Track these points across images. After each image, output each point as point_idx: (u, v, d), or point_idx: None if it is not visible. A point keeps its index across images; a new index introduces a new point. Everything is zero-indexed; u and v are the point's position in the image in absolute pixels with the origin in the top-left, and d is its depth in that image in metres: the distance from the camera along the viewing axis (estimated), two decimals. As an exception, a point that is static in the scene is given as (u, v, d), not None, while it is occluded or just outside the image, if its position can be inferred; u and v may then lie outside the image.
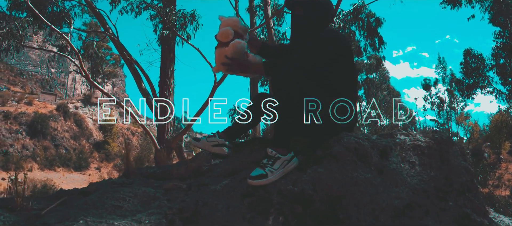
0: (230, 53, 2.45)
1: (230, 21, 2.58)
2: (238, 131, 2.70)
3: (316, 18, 2.59)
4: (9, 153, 43.58)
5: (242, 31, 2.59)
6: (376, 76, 23.37)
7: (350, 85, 2.52)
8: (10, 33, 13.06)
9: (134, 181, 2.46)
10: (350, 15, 13.42)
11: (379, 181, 2.20)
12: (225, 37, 2.50)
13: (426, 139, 2.51)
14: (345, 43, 2.53)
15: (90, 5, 12.96)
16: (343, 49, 2.49)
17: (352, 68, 2.56)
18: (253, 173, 2.17)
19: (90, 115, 60.92)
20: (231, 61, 2.46)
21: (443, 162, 2.45)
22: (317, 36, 2.49)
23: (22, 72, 79.69)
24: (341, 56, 2.47)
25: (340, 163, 2.18)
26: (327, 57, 2.43)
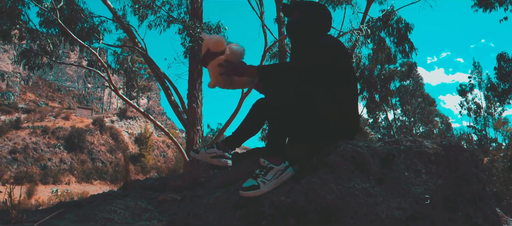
0: (227, 55, 2.39)
1: (214, 38, 2.51)
2: (238, 140, 2.65)
3: (313, 22, 2.53)
4: (48, 167, 45.14)
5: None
6: (410, 83, 22.75)
7: (349, 91, 2.43)
8: (43, 50, 13.56)
9: (130, 193, 2.45)
10: (379, 21, 13.17)
11: (378, 191, 2.09)
12: (219, 47, 2.45)
13: (434, 146, 2.37)
14: (341, 48, 2.44)
15: (119, 20, 13.31)
16: (340, 54, 2.41)
17: (351, 74, 2.47)
18: (245, 184, 2.11)
19: (126, 129, 62.43)
20: (227, 65, 2.41)
21: (452, 170, 2.31)
22: (313, 40, 2.42)
23: (60, 87, 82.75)
24: (338, 61, 2.39)
25: (336, 172, 2.09)
26: (324, 61, 2.35)
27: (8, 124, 51.76)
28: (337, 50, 2.40)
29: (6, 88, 72.20)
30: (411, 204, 2.12)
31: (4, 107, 61.61)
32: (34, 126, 52.23)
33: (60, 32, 13.01)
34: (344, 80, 2.41)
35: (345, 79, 2.42)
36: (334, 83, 2.38)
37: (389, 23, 12.83)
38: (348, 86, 2.42)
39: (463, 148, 2.40)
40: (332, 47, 2.38)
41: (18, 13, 13.25)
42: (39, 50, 13.31)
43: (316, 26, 2.54)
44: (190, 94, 12.91)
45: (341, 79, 2.40)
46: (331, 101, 2.33)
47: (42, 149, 48.46)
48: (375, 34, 13.20)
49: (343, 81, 2.41)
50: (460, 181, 2.27)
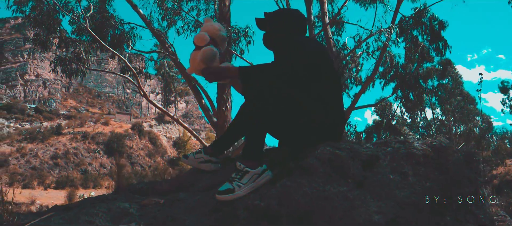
0: (199, 58, 2.44)
1: (210, 27, 2.59)
2: (224, 144, 2.67)
3: (285, 29, 2.54)
4: (88, 172, 46.78)
5: (220, 40, 2.59)
6: (448, 81, 21.98)
7: (330, 90, 2.39)
8: (77, 57, 14.09)
9: (117, 197, 2.51)
10: (411, 19, 12.86)
11: (356, 194, 2.04)
12: (200, 41, 2.51)
13: (423, 147, 2.30)
14: (319, 48, 2.42)
15: (149, 26, 13.64)
16: (317, 54, 2.38)
17: (330, 73, 2.43)
18: (221, 188, 2.13)
19: (164, 133, 63.85)
20: (202, 68, 2.46)
21: (442, 172, 2.22)
22: (288, 44, 2.42)
23: (99, 94, 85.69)
24: (316, 60, 2.36)
25: (311, 175, 2.07)
26: (302, 62, 2.33)
27: (49, 130, 54.03)
28: (314, 50, 2.38)
29: (48, 95, 75.43)
30: (393, 208, 2.06)
31: (46, 114, 64.48)
32: (75, 132, 54.27)
33: (92, 40, 13.49)
34: (323, 80, 2.38)
35: (325, 78, 2.39)
36: (313, 83, 2.36)
37: (421, 21, 12.49)
38: (328, 85, 2.39)
39: (454, 149, 2.31)
40: (308, 48, 2.37)
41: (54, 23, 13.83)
42: (73, 58, 13.84)
43: (289, 32, 2.55)
44: (220, 97, 13.08)
45: (320, 78, 2.37)
46: (311, 101, 2.32)
47: (82, 154, 50.28)
48: (407, 32, 12.89)
49: (323, 81, 2.38)
50: (450, 184, 2.19)
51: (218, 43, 2.59)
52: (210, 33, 2.55)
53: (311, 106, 2.30)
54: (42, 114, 64.94)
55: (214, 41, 2.56)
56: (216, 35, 2.57)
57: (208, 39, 2.51)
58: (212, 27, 2.59)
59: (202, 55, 2.46)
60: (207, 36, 2.52)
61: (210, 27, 2.59)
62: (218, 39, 2.58)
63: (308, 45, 2.40)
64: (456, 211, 2.13)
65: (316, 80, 2.36)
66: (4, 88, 74.04)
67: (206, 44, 2.50)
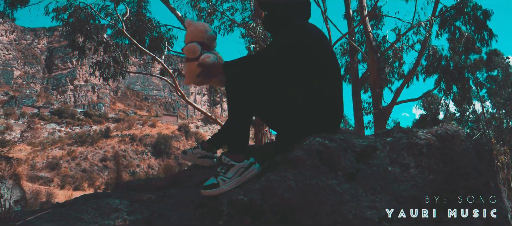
0: (200, 71, 2.38)
1: (196, 32, 2.52)
2: (220, 140, 2.61)
3: (284, 10, 2.43)
4: (136, 173, 48.22)
5: (209, 41, 2.53)
6: (498, 73, 20.70)
7: (326, 80, 2.27)
8: (114, 61, 14.52)
9: (112, 194, 2.52)
10: (453, 9, 12.28)
11: (346, 188, 1.92)
12: (193, 54, 2.45)
13: (427, 136, 2.14)
14: (315, 35, 2.29)
15: (185, 26, 13.84)
16: (310, 39, 2.26)
17: (328, 62, 2.30)
18: (206, 183, 2.08)
19: (211, 133, 64.78)
20: (202, 79, 2.40)
21: (447, 162, 2.06)
22: (283, 29, 2.31)
23: (146, 96, 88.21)
24: (310, 49, 2.24)
25: (297, 168, 1.96)
26: (290, 49, 2.22)
27: (99, 133, 56.17)
28: (306, 36, 2.26)
29: (97, 99, 78.51)
30: (389, 203, 1.92)
31: (95, 117, 67.15)
32: (123, 134, 56.14)
33: (129, 43, 13.86)
34: (318, 69, 2.26)
35: (320, 68, 2.26)
36: (305, 73, 2.25)
37: (464, 10, 11.89)
38: (324, 75, 2.26)
39: (462, 137, 2.13)
40: (300, 34, 2.25)
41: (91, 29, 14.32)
42: (110, 62, 14.27)
43: (288, 16, 2.43)
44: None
45: (314, 68, 2.25)
46: (301, 92, 2.21)
47: (130, 156, 51.88)
48: (450, 23, 12.33)
49: (318, 71, 2.26)
50: (455, 176, 2.02)
51: (209, 45, 2.53)
52: (197, 39, 2.50)
53: (300, 97, 2.20)
54: (92, 118, 67.74)
55: (204, 45, 2.50)
56: (204, 38, 2.51)
57: (199, 49, 2.45)
58: (197, 31, 2.52)
59: (204, 65, 2.38)
60: (197, 46, 2.46)
61: (196, 31, 2.52)
62: (207, 41, 2.52)
63: (302, 31, 2.28)
64: (461, 206, 1.96)
65: (308, 69, 2.25)
66: (55, 94, 77.87)
67: (200, 54, 2.44)
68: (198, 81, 2.44)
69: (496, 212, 1.97)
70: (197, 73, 2.39)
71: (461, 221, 1.92)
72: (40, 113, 67.47)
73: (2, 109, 66.67)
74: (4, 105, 68.23)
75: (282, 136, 2.36)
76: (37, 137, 58.06)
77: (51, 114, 67.84)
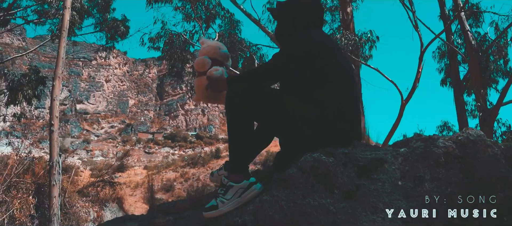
0: (207, 84, 2.42)
1: (208, 48, 2.56)
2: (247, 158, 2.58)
3: (293, 18, 2.37)
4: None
5: (222, 58, 2.55)
6: None
7: (334, 91, 2.15)
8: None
9: (137, 217, 2.65)
10: None
11: (341, 207, 1.80)
12: (201, 67, 2.49)
13: (446, 143, 1.92)
14: (317, 42, 2.20)
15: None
16: (314, 48, 2.17)
17: (335, 70, 2.18)
18: (208, 205, 2.09)
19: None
20: (211, 93, 2.43)
21: (468, 173, 1.83)
22: (287, 41, 2.26)
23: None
24: (314, 57, 2.15)
25: (290, 187, 1.89)
26: (293, 60, 2.16)
27: (209, 154, 58.89)
28: (311, 47, 2.17)
29: (207, 122, 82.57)
30: (393, 223, 1.76)
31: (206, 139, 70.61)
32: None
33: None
34: (325, 80, 2.16)
35: (327, 78, 2.16)
36: (310, 84, 2.16)
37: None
38: (331, 86, 2.16)
39: (486, 142, 1.88)
40: (303, 45, 2.18)
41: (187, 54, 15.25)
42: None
43: (297, 24, 2.37)
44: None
45: (319, 78, 2.15)
46: (305, 105, 2.12)
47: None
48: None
49: (324, 81, 2.15)
50: (477, 189, 1.79)
51: (221, 62, 2.56)
52: (209, 55, 2.53)
53: (302, 109, 2.12)
54: (203, 140, 71.44)
55: (216, 61, 2.53)
56: (217, 54, 2.54)
57: (209, 63, 2.49)
58: (210, 48, 2.56)
59: (210, 78, 2.42)
60: (208, 60, 2.50)
61: (208, 48, 2.56)
62: (219, 58, 2.55)
63: (305, 40, 2.21)
64: (483, 223, 1.72)
65: (311, 79, 2.16)
66: (168, 119, 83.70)
67: (209, 67, 2.49)
68: (207, 95, 2.47)
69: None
70: (205, 86, 2.43)
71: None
72: (154, 138, 73.04)
73: (120, 136, 73.42)
74: (121, 133, 75.08)
75: (284, 153, 2.29)
76: (152, 161, 62.76)
77: (165, 139, 73.02)
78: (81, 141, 69.33)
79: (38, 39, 45.96)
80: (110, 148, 68.26)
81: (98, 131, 76.28)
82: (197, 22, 15.15)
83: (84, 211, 9.84)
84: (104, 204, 10.63)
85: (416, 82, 10.67)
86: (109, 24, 16.41)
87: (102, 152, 66.50)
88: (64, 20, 9.77)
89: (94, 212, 10.23)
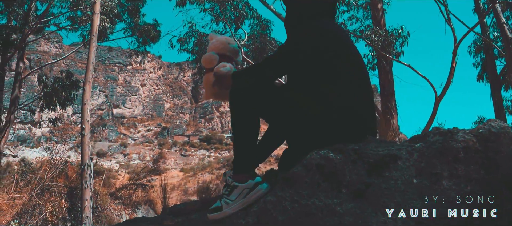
0: (214, 81, 2.34)
1: (216, 44, 2.49)
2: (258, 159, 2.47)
3: (302, 8, 2.25)
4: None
5: (231, 53, 2.47)
6: None
7: (344, 85, 2.03)
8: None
9: (148, 219, 2.61)
10: None
11: (349, 208, 1.68)
12: (208, 63, 2.42)
13: (466, 137, 1.77)
14: (324, 34, 2.07)
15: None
16: (321, 41, 2.04)
17: (344, 63, 2.05)
18: (212, 206, 2.02)
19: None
20: (218, 90, 2.36)
21: (490, 169, 1.67)
22: (294, 33, 2.15)
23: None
24: (320, 50, 2.03)
25: (295, 187, 1.78)
26: (297, 53, 2.05)
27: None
28: (317, 39, 2.05)
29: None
30: (405, 224, 1.63)
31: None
32: (266, 155, 58.23)
33: (249, 65, 14.55)
34: (333, 74, 2.03)
35: (335, 72, 2.03)
36: (317, 78, 2.04)
37: None
38: (340, 80, 2.03)
39: (510, 134, 1.71)
40: (312, 38, 2.06)
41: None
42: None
43: (307, 14, 2.24)
44: (383, 106, 12.64)
45: (327, 72, 2.03)
46: (312, 100, 2.01)
47: (274, 177, 53.38)
48: None
49: (332, 75, 2.03)
50: (500, 186, 1.63)
51: (230, 57, 2.48)
52: (217, 50, 2.46)
53: (308, 104, 2.00)
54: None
55: (224, 56, 2.46)
56: (226, 50, 2.46)
57: (216, 59, 2.42)
58: (218, 43, 2.49)
59: (217, 74, 2.35)
60: (215, 55, 2.43)
61: (217, 43, 2.49)
62: (228, 53, 2.47)
63: (312, 32, 2.09)
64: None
65: (318, 73, 2.04)
66: (203, 122, 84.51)
67: (217, 63, 2.41)
68: (214, 92, 2.40)
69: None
70: (211, 83, 2.36)
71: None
72: (190, 141, 73.87)
73: (156, 139, 74.65)
74: (158, 136, 76.32)
75: (291, 151, 2.18)
76: (188, 163, 63.49)
77: (200, 141, 73.73)
78: (119, 145, 70.91)
79: (73, 46, 47.40)
80: (147, 151, 69.51)
81: (134, 135, 77.87)
82: (226, 23, 15.20)
83: (117, 213, 9.99)
84: (136, 206, 10.75)
85: (450, 77, 10.34)
86: (140, 29, 16.67)
87: (139, 156, 67.79)
88: (93, 25, 9.96)
89: (127, 215, 10.37)
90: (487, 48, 11.94)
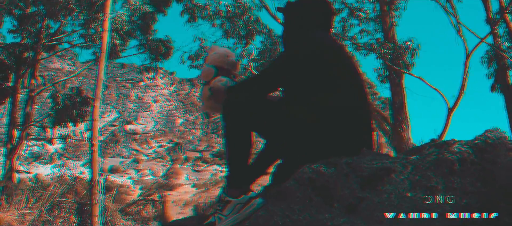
0: (209, 94, 2.34)
1: (215, 57, 2.49)
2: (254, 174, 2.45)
3: (298, 20, 2.25)
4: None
5: (230, 66, 2.47)
6: None
7: (341, 97, 2.01)
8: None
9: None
10: None
11: (340, 223, 1.65)
12: (206, 77, 2.43)
13: (462, 148, 1.73)
14: (321, 44, 2.05)
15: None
16: (318, 51, 2.03)
17: (337, 73, 2.04)
18: (206, 222, 1.99)
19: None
20: (214, 104, 2.35)
21: (486, 181, 1.63)
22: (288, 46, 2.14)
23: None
24: (318, 61, 2.02)
25: (287, 201, 1.76)
26: (290, 64, 2.04)
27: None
28: (310, 50, 2.04)
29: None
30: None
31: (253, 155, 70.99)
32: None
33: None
34: (330, 85, 2.01)
35: (332, 83, 2.02)
36: (310, 89, 2.03)
37: None
38: (337, 92, 2.01)
39: (508, 145, 1.67)
40: (302, 48, 2.05)
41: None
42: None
43: (302, 26, 2.24)
44: (395, 118, 12.61)
45: (320, 83, 2.02)
46: (305, 112, 1.99)
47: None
48: None
49: (329, 87, 2.01)
50: (497, 200, 1.59)
51: (228, 70, 2.48)
52: (215, 63, 2.46)
53: (302, 116, 1.98)
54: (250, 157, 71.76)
55: (222, 70, 2.46)
56: (224, 63, 2.46)
57: (213, 72, 2.42)
58: (217, 56, 2.49)
59: (214, 88, 2.35)
60: (212, 69, 2.43)
61: (215, 56, 2.49)
62: (226, 66, 2.47)
63: (304, 43, 2.08)
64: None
65: (311, 84, 2.03)
66: (215, 137, 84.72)
67: (214, 77, 2.42)
68: (209, 105, 2.39)
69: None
70: (208, 96, 2.36)
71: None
72: (202, 156, 74.00)
73: (169, 155, 74.96)
74: (170, 152, 76.65)
75: (284, 164, 2.16)
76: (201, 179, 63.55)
77: (213, 156, 73.81)
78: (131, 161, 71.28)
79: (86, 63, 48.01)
80: (160, 167, 69.77)
81: (147, 151, 78.33)
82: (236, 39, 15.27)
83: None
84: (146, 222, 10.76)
85: (462, 89, 10.24)
86: (152, 45, 16.80)
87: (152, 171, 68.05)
88: (103, 42, 10.08)
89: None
90: (499, 59, 11.81)
